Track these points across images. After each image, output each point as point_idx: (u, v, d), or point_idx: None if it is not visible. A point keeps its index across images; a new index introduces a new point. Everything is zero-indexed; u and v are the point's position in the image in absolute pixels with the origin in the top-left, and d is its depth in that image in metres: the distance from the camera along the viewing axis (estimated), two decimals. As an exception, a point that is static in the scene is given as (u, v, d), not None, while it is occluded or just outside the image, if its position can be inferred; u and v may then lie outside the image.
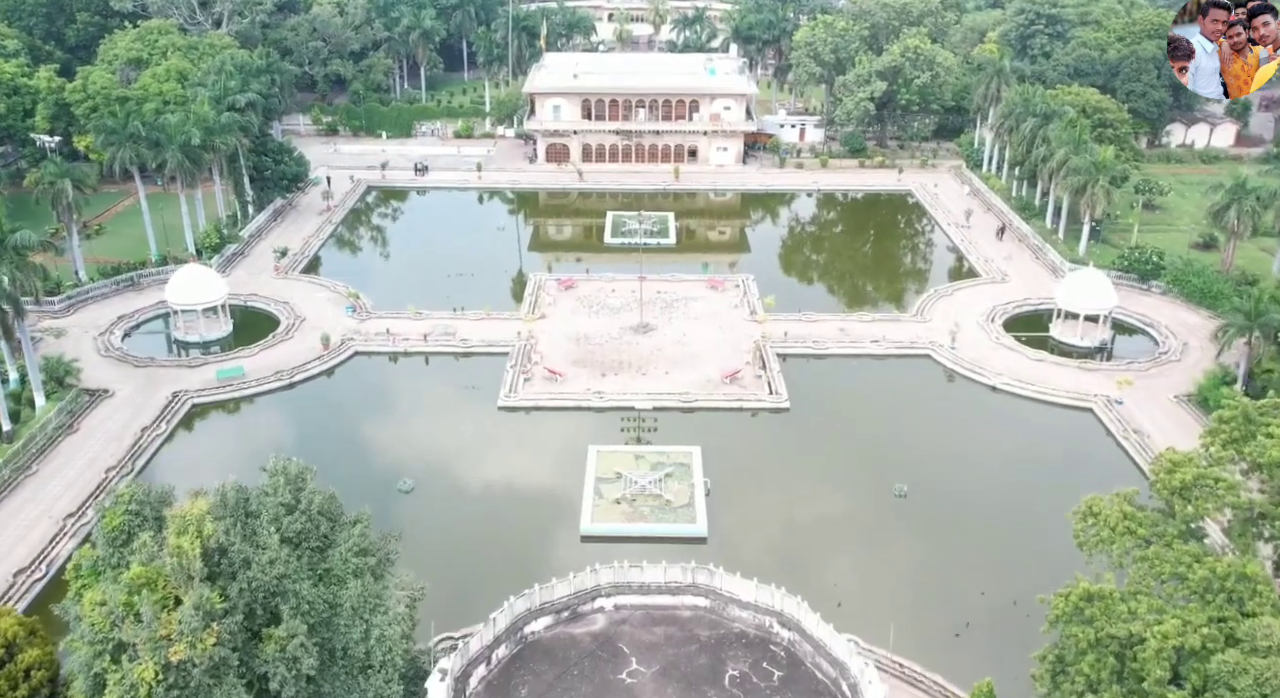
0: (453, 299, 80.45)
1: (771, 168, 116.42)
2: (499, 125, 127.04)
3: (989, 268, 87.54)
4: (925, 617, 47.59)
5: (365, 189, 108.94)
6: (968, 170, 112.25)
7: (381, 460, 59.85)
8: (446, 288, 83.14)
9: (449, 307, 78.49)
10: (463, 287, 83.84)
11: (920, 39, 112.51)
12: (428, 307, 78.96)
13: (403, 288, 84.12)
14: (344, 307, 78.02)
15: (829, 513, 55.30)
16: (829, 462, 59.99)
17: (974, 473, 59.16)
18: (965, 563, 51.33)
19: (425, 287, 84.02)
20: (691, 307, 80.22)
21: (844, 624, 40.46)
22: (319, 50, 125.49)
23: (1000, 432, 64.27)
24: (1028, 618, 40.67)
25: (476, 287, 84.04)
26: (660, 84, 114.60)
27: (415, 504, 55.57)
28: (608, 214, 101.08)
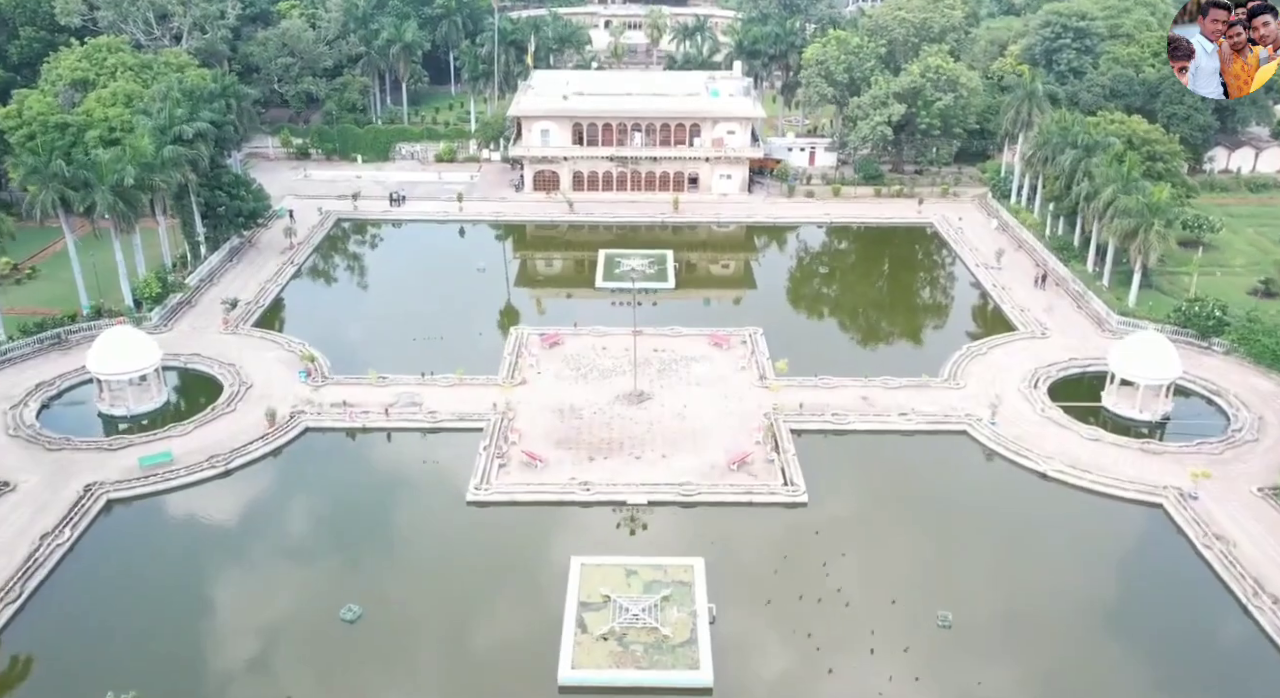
0: (421, 359, 71.05)
1: (779, 197, 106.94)
2: (484, 148, 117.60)
3: (1026, 319, 77.97)
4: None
5: (335, 222, 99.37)
6: (994, 201, 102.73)
7: (325, 577, 50.24)
8: (416, 345, 73.83)
9: (417, 369, 68.99)
10: (435, 341, 74.59)
11: (941, 58, 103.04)
12: (393, 368, 69.47)
13: (367, 343, 74.72)
14: (297, 371, 68.43)
15: (857, 651, 45.72)
16: (855, 579, 50.35)
17: (1028, 594, 49.52)
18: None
19: (393, 342, 74.63)
20: (693, 369, 70.69)
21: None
22: (289, 67, 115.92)
23: (1056, 535, 54.61)
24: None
25: (451, 341, 74.68)
26: (658, 107, 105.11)
27: (359, 639, 45.96)
28: (600, 252, 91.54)
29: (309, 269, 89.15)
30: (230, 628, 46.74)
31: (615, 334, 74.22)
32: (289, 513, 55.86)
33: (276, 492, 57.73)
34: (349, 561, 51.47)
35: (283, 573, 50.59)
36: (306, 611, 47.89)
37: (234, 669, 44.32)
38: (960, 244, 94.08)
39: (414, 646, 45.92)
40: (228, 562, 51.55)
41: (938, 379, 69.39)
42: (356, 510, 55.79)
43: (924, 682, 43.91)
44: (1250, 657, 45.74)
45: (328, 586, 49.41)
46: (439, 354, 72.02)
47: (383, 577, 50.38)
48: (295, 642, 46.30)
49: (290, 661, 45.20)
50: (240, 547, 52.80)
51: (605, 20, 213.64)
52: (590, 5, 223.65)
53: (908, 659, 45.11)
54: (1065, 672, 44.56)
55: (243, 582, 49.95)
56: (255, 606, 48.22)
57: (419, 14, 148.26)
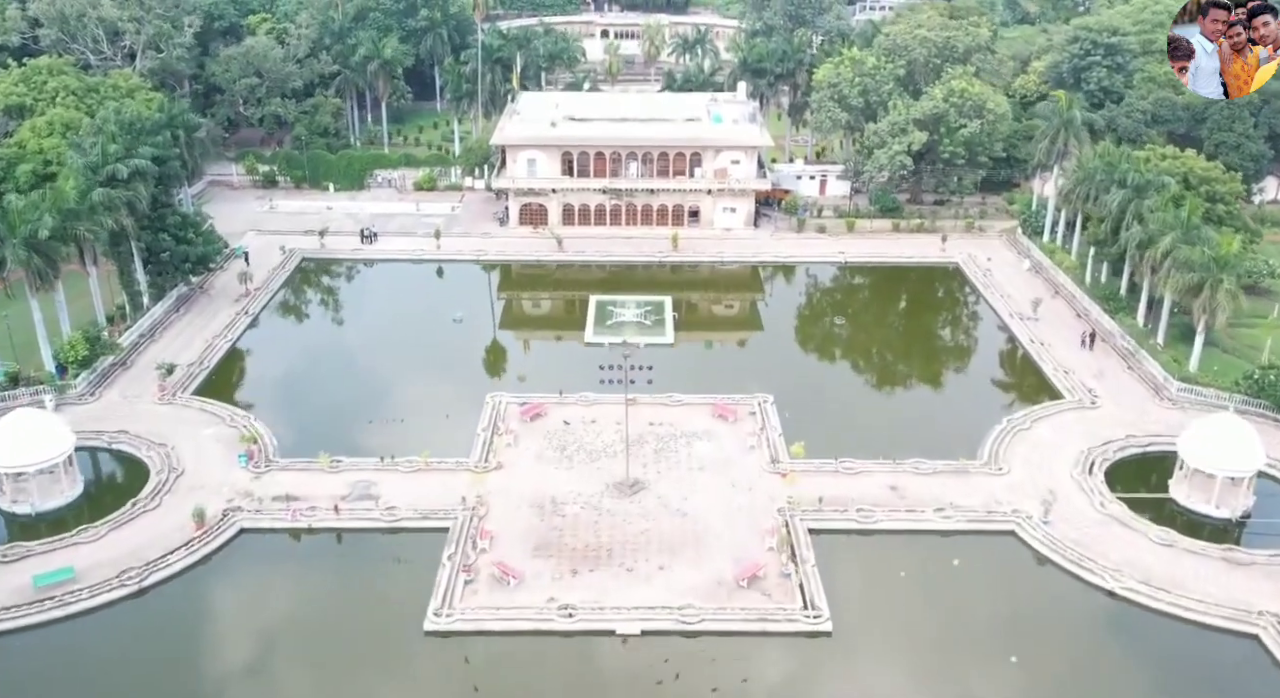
0: (383, 434, 61.98)
1: (788, 232, 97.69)
2: (467, 176, 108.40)
3: (1072, 384, 68.69)
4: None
5: (299, 262, 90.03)
6: (1024, 237, 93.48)
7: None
8: (379, 416, 64.68)
9: (376, 450, 59.84)
10: (400, 411, 65.46)
11: (966, 80, 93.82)
12: (350, 448, 60.44)
13: (323, 414, 65.59)
14: (237, 454, 59.15)
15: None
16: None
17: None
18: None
19: (352, 412, 65.50)
20: (695, 448, 61.45)
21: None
22: (254, 88, 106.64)
23: (1132, 675, 45.39)
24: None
25: (418, 412, 65.52)
26: (655, 134, 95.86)
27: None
28: (590, 298, 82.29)
29: (265, 320, 79.73)
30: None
31: (606, 403, 65.01)
32: (207, 648, 46.41)
33: (196, 619, 48.22)
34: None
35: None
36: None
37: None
38: (990, 289, 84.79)
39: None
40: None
41: (977, 462, 60.17)
42: (289, 645, 46.53)
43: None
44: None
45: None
46: (403, 429, 62.87)
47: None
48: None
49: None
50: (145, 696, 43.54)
51: (601, 30, 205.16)
52: (586, 14, 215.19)
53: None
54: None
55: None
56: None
57: (402, 26, 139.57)
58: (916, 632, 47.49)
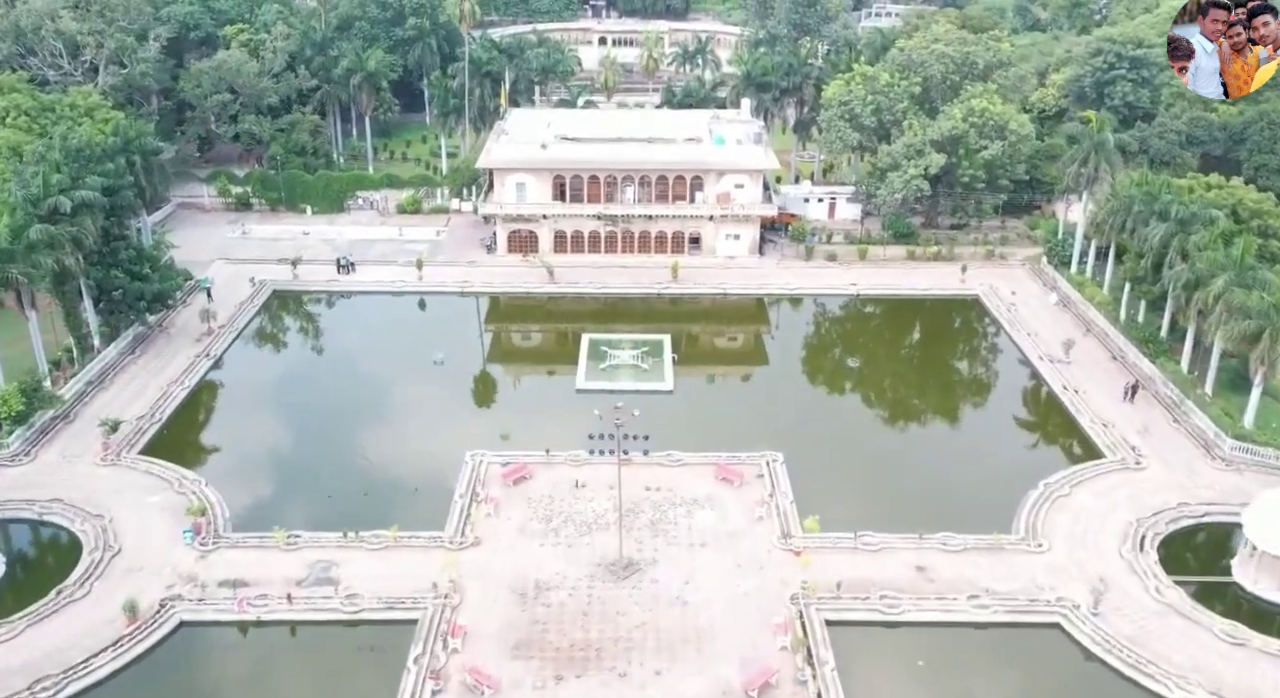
0: (347, 503, 55.59)
1: (795, 260, 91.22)
2: (454, 197, 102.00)
3: (1113, 441, 62.15)
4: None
5: (269, 296, 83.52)
6: (1050, 267, 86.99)
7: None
8: (345, 481, 58.28)
9: (339, 522, 53.37)
10: (370, 471, 59.08)
11: (988, 99, 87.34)
12: (310, 519, 54.05)
13: (284, 476, 59.16)
14: (183, 529, 52.62)
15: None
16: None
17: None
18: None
19: (315, 475, 59.16)
20: (696, 519, 54.93)
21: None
22: (227, 105, 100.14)
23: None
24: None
25: (389, 473, 59.12)
26: (653, 156, 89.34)
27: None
28: (583, 338, 75.77)
29: (229, 362, 73.12)
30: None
31: (598, 463, 58.41)
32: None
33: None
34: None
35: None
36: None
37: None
38: (1016, 326, 78.27)
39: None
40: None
41: (1013, 537, 53.64)
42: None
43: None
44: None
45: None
46: (372, 495, 56.44)
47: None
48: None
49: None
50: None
51: (599, 37, 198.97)
52: (583, 21, 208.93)
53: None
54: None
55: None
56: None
57: (389, 36, 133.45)
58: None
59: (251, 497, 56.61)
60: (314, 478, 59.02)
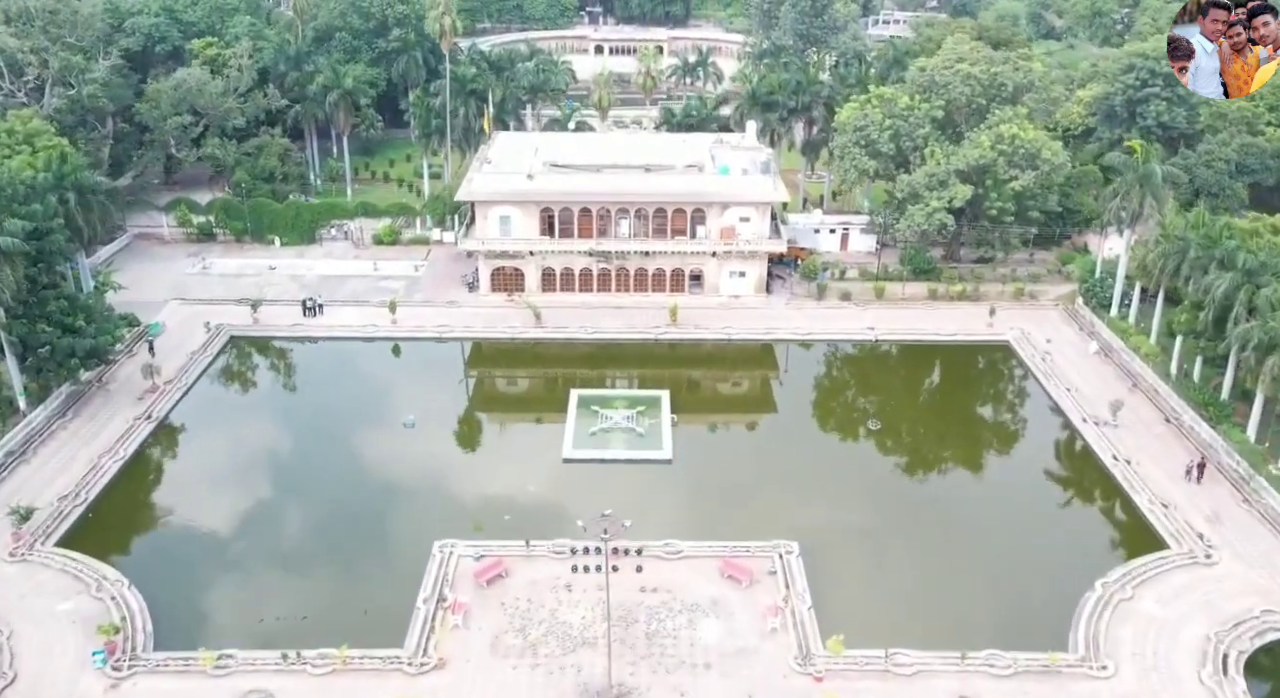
0: (293, 611, 47.73)
1: (806, 298, 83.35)
2: (436, 226, 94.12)
3: (1177, 528, 54.12)
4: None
5: (226, 343, 75.60)
6: (1086, 309, 79.02)
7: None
8: (291, 587, 50.43)
9: (279, 639, 45.50)
10: (319, 574, 51.21)
11: (1019, 125, 79.40)
12: (245, 633, 46.15)
13: (221, 576, 51.18)
14: (93, 650, 44.70)
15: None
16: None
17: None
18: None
19: (259, 572, 51.29)
20: (699, 630, 46.93)
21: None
22: (187, 128, 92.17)
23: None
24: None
25: (344, 571, 51.25)
26: (651, 188, 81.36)
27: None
28: (571, 396, 67.83)
29: (173, 426, 65.14)
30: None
31: (581, 553, 50.91)
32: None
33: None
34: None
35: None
36: None
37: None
38: (1053, 380, 70.33)
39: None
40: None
41: (1070, 655, 45.68)
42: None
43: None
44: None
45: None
46: (320, 604, 48.55)
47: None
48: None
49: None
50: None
51: (595, 45, 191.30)
52: (578, 28, 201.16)
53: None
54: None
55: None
56: None
57: (372, 48, 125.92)
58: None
59: (182, 601, 48.73)
60: (257, 577, 51.12)
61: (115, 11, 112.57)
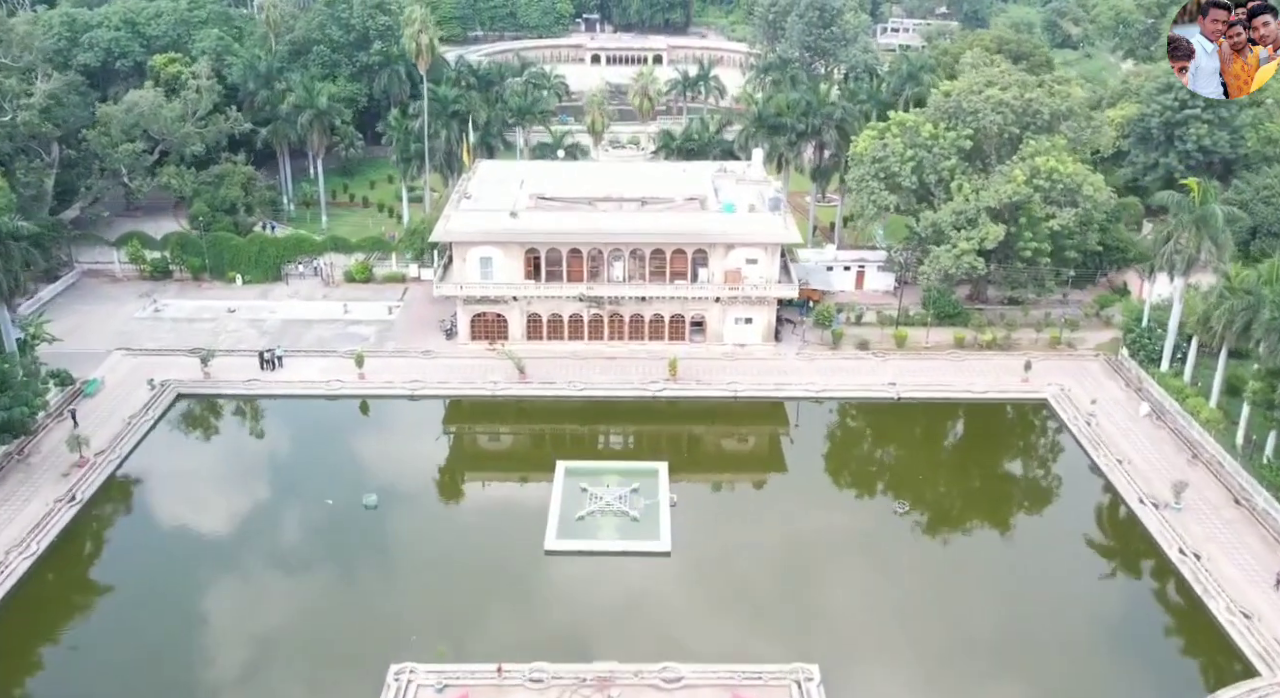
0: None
1: (819, 347, 75.33)
2: (414, 262, 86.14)
3: (1263, 646, 46.07)
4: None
5: (172, 402, 67.59)
6: (1132, 361, 70.96)
7: None
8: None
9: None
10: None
11: (1057, 158, 71.40)
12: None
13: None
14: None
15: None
16: None
17: None
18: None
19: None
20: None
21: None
22: (139, 156, 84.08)
23: None
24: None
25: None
26: (648, 226, 73.25)
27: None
28: (557, 468, 59.83)
29: (100, 509, 57.01)
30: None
31: (565, 681, 43.15)
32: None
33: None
34: None
35: None
36: None
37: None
38: (1101, 448, 62.28)
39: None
40: None
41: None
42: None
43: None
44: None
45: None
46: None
47: None
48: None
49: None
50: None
51: (592, 54, 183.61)
52: (574, 36, 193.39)
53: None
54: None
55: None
56: None
57: (352, 62, 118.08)
58: None
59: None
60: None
61: (72, 24, 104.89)
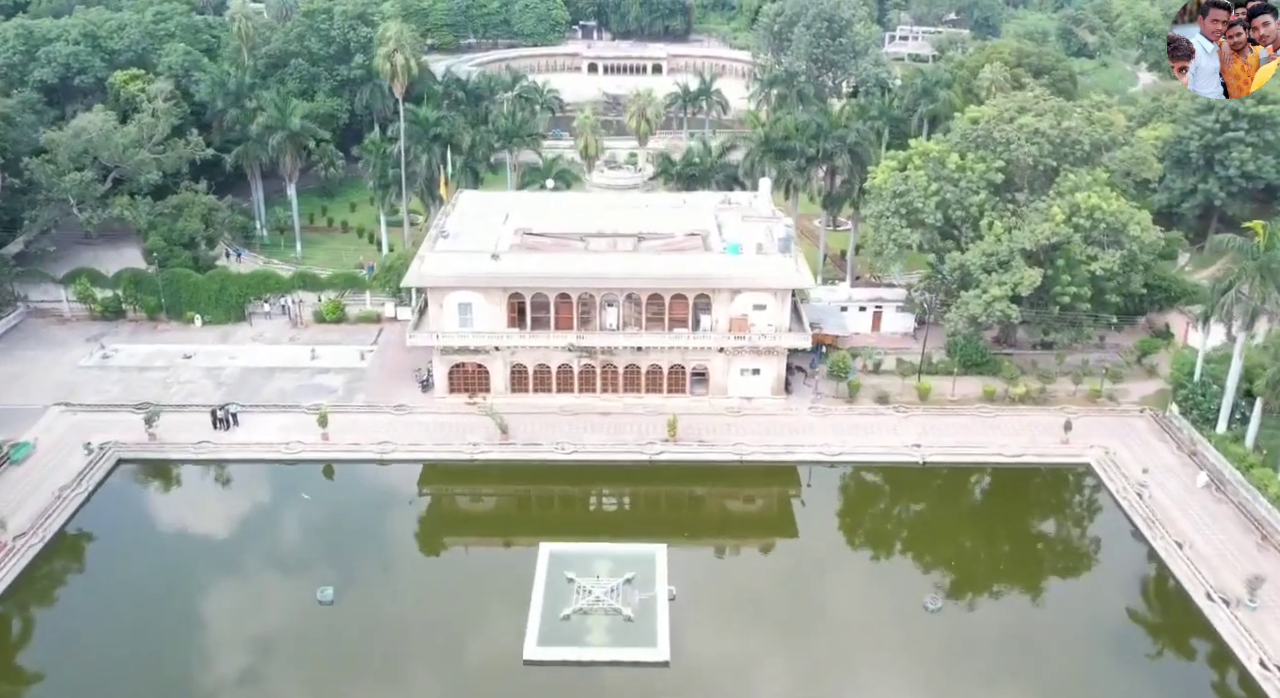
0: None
1: (834, 400, 68.08)
2: (390, 300, 78.97)
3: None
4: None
5: (111, 469, 60.34)
6: (1184, 422, 63.64)
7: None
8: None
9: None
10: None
11: (1099, 195, 64.17)
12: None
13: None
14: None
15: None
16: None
17: None
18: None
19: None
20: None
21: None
22: (88, 185, 76.88)
23: None
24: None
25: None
26: (645, 269, 65.84)
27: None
28: (540, 551, 52.61)
29: (18, 602, 49.89)
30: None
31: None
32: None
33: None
34: None
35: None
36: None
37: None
38: (1156, 528, 55.01)
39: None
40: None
41: None
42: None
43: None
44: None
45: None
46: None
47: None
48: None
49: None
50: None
51: (589, 63, 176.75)
52: (570, 44, 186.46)
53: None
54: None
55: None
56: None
57: (333, 75, 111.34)
58: None
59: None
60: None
61: (29, 37, 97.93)
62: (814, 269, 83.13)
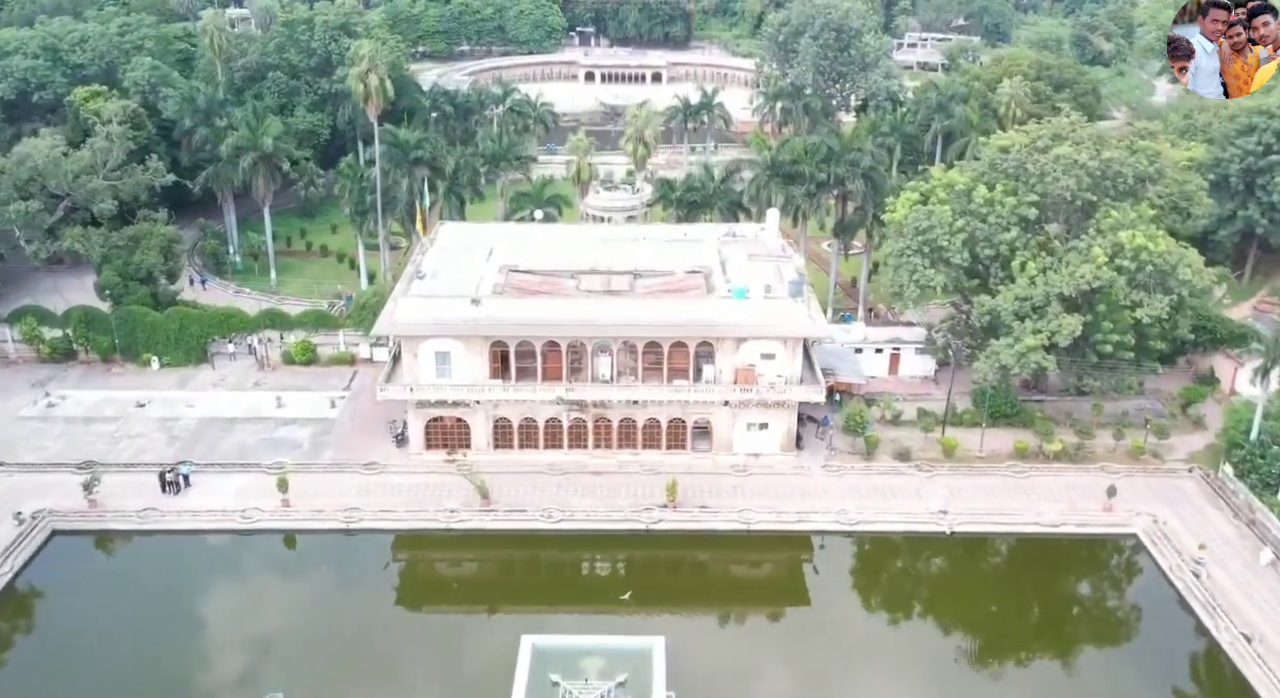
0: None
1: (851, 456, 61.76)
2: (365, 339, 72.68)
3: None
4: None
5: (44, 542, 53.97)
6: (1241, 485, 57.21)
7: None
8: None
9: None
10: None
11: (1144, 235, 57.76)
12: None
13: None
14: None
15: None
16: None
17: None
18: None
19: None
20: None
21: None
22: (34, 216, 70.55)
23: None
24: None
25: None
26: (640, 317, 59.31)
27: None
28: (522, 645, 46.14)
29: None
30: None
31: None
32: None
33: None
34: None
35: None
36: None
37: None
38: (1218, 617, 48.53)
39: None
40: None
41: None
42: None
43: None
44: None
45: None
46: None
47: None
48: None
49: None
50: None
51: (585, 72, 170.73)
52: (567, 52, 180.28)
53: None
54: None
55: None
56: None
57: (313, 89, 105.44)
58: None
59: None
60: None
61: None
62: (824, 300, 77.11)
